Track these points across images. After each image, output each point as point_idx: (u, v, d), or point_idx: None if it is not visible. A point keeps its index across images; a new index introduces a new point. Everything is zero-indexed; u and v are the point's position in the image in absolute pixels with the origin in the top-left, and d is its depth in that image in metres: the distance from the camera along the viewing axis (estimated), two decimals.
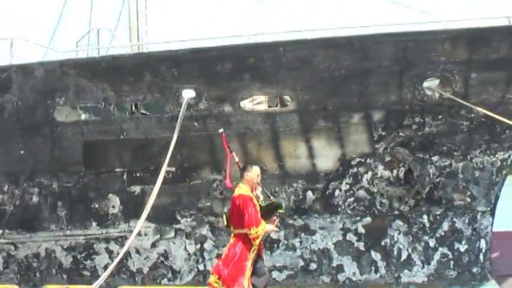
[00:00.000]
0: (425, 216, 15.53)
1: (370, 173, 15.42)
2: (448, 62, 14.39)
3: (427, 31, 14.41)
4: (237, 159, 12.31)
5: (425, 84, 14.75)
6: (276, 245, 15.70)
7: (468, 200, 15.51)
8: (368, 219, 15.58)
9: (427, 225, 15.55)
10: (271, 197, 12.35)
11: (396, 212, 15.53)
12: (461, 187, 15.47)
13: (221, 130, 12.99)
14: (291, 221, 15.61)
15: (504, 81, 14.62)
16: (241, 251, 11.44)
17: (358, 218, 15.54)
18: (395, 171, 15.38)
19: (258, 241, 11.52)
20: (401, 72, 14.55)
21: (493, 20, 14.61)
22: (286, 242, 15.70)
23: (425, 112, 14.95)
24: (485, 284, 15.52)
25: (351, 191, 15.47)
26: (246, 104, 15.21)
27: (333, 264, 15.65)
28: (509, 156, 15.41)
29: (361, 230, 15.59)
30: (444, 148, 15.26)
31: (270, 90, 15.09)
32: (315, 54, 14.49)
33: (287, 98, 15.23)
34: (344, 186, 15.46)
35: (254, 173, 11.92)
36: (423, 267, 15.55)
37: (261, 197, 11.98)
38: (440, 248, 15.55)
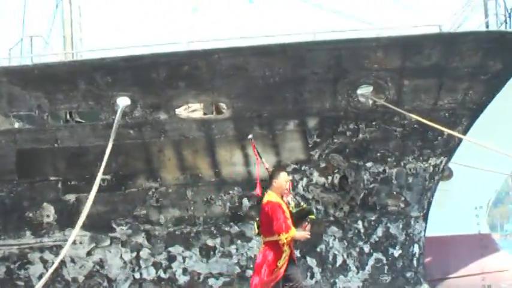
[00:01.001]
0: (360, 222, 15.67)
1: (305, 179, 15.50)
2: (380, 70, 14.55)
3: (360, 39, 14.55)
4: (267, 166, 11.94)
5: (359, 91, 14.89)
6: (212, 252, 15.70)
7: (402, 205, 15.70)
8: None
9: (362, 230, 15.69)
10: (302, 203, 12.07)
11: (331, 218, 15.64)
12: (395, 193, 15.64)
13: (250, 136, 12.58)
14: (227, 228, 15.62)
15: (436, 88, 14.84)
16: (271, 259, 11.37)
17: None
18: (330, 178, 15.49)
19: (287, 247, 11.42)
20: (336, 79, 14.66)
21: (425, 28, 14.83)
22: (222, 249, 15.69)
23: (359, 119, 15.09)
24: None
25: None
26: (182, 112, 15.18)
27: None
28: (441, 162, 15.65)
29: None
30: (378, 154, 15.42)
31: (205, 98, 15.09)
32: (249, 61, 14.51)
33: (222, 105, 15.23)
34: None
35: (282, 179, 11.43)
36: (358, 272, 15.68)
37: (292, 204, 11.53)
38: (374, 254, 15.71)
